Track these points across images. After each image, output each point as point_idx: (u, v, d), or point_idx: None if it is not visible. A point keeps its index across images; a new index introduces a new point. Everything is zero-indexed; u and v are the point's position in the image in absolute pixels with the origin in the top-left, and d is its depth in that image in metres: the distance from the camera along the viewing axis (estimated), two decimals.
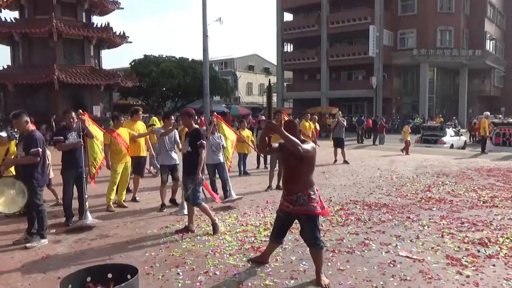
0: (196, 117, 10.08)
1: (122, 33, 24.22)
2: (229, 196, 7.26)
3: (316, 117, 14.91)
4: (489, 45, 41.27)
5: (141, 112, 8.05)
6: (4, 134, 6.60)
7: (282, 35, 40.95)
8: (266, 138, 4.02)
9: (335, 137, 13.38)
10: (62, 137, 5.93)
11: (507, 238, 5.26)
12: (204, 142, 5.59)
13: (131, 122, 7.76)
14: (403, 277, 4.04)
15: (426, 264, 4.38)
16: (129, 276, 2.83)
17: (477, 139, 22.87)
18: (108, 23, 23.08)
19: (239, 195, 7.49)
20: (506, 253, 4.69)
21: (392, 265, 4.34)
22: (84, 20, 23.05)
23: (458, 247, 4.93)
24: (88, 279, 2.82)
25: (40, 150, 5.04)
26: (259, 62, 56.66)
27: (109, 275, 2.89)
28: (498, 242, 5.10)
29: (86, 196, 5.98)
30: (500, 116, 27.21)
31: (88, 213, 5.88)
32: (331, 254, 4.66)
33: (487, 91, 43.25)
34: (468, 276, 4.05)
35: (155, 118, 10.96)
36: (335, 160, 13.12)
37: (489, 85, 43.27)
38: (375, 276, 4.07)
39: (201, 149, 5.46)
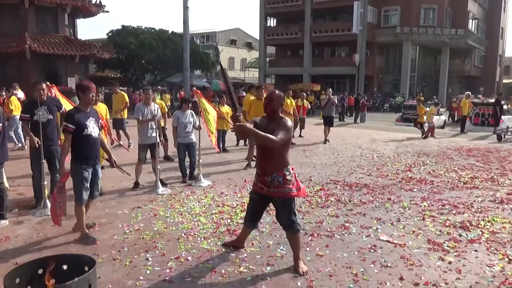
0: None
1: (98, 2, 23.16)
2: (198, 181, 7.00)
3: (305, 94, 14.61)
4: (472, 25, 41.27)
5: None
6: None
7: (265, 9, 40.05)
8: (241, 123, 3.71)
9: (326, 115, 12.83)
10: (28, 115, 5.41)
11: (488, 221, 5.16)
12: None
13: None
14: (384, 263, 3.87)
15: (408, 249, 4.23)
16: (86, 268, 2.53)
17: (456, 118, 23.01)
18: None
19: (208, 180, 7.17)
20: (487, 238, 4.58)
21: (372, 250, 4.16)
22: None
23: (440, 231, 4.79)
24: (40, 271, 2.51)
25: (0, 124, 4.64)
26: (242, 37, 55.56)
27: (64, 267, 2.59)
28: (479, 225, 4.99)
29: (46, 182, 5.41)
30: (480, 96, 27.42)
31: (47, 201, 5.28)
32: (309, 238, 4.46)
33: (467, 70, 43.53)
34: (450, 263, 3.91)
35: None
36: (326, 140, 12.57)
37: (470, 64, 43.52)
38: (355, 262, 3.88)
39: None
